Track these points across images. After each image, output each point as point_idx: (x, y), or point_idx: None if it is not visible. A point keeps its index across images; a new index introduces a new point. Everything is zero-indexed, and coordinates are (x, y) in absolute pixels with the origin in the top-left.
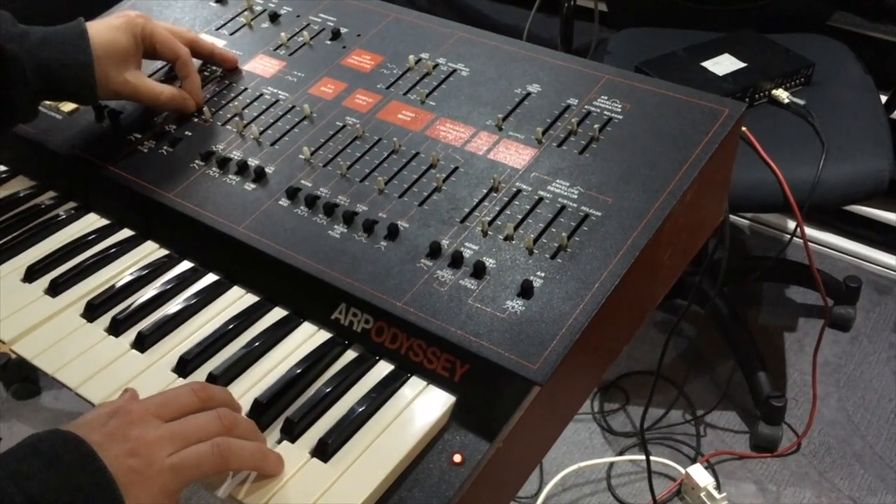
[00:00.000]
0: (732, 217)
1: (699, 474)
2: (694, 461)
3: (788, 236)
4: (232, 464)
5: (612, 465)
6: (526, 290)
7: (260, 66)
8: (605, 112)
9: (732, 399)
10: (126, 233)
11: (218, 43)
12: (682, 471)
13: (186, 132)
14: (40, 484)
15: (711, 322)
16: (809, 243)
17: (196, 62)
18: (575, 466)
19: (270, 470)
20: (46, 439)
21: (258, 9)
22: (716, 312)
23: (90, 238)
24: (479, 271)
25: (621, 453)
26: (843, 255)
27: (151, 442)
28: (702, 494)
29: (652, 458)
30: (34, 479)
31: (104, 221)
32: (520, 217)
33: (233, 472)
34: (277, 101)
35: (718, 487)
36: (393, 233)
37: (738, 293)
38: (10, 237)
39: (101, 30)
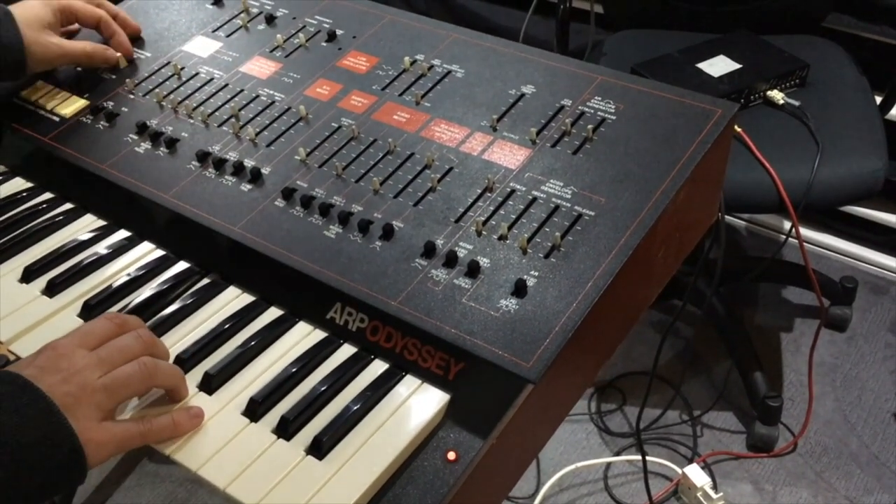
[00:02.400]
0: (728, 218)
1: (696, 474)
2: (690, 461)
3: (784, 237)
4: (157, 380)
5: (609, 465)
6: (520, 290)
7: (256, 67)
8: (599, 113)
9: (729, 399)
10: (123, 233)
11: (214, 45)
12: (679, 471)
13: (182, 133)
14: None
15: (708, 322)
16: (805, 244)
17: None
18: (572, 467)
19: (183, 391)
20: None
21: (254, 11)
22: (712, 313)
23: (87, 239)
24: (473, 271)
25: (618, 453)
26: (839, 256)
27: (81, 368)
28: (698, 494)
29: (648, 458)
30: None
31: (101, 222)
32: (514, 217)
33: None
34: (273, 102)
35: (715, 487)
36: (388, 233)
37: (735, 293)
38: (7, 238)
39: (21, 8)
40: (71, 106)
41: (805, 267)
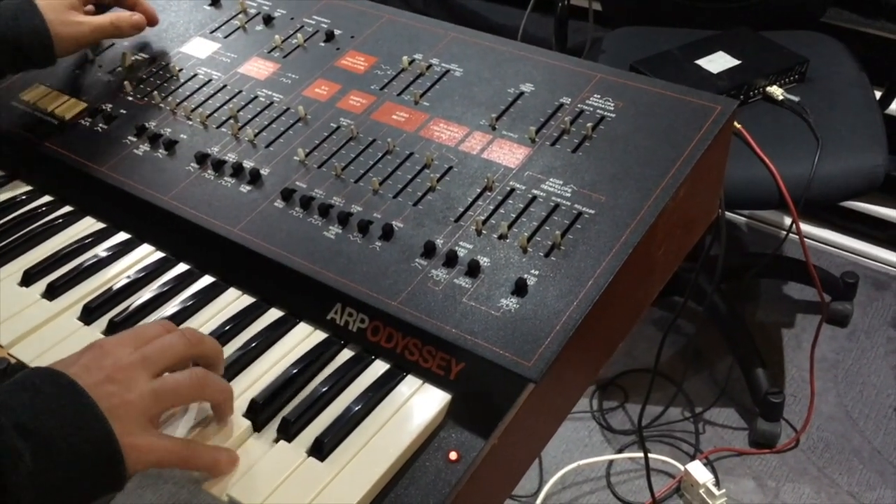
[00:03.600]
0: (729, 214)
1: (698, 471)
2: (693, 458)
3: (785, 233)
4: (206, 393)
5: (611, 462)
6: (520, 289)
7: (254, 68)
8: (598, 111)
9: (731, 396)
10: (122, 236)
11: (212, 46)
12: (682, 468)
13: (181, 135)
14: (28, 412)
15: (709, 319)
16: (806, 239)
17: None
18: (574, 465)
19: (229, 409)
20: (29, 374)
21: (252, 11)
22: (714, 310)
23: (87, 241)
24: (473, 270)
25: (620, 451)
26: (840, 251)
27: (126, 367)
28: (701, 491)
29: (651, 455)
30: (21, 409)
31: (100, 225)
32: (514, 216)
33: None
34: (272, 103)
35: (717, 484)
36: (388, 233)
37: (736, 290)
38: (6, 241)
39: None
40: (70, 108)
41: (806, 263)
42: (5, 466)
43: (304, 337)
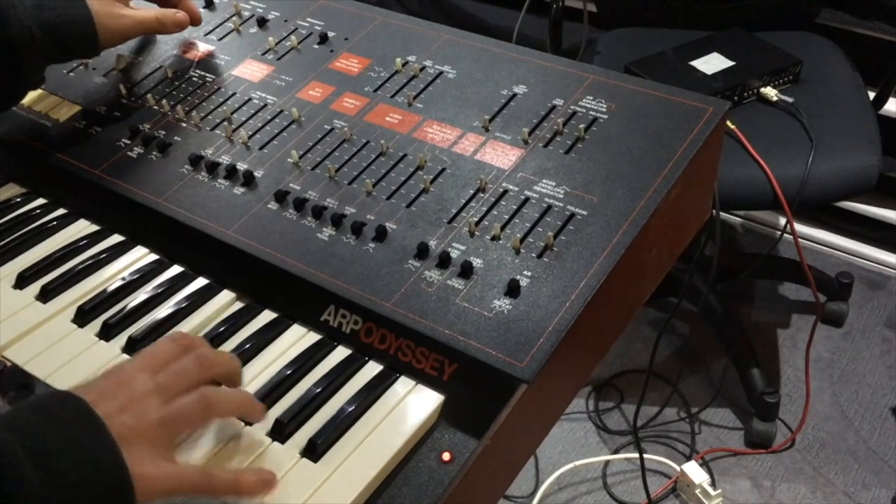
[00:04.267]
0: (724, 214)
1: (694, 471)
2: (689, 458)
3: (779, 233)
4: (218, 411)
5: (607, 463)
6: (513, 290)
7: (248, 70)
8: (591, 112)
9: (726, 396)
10: (116, 238)
11: (207, 48)
12: (677, 468)
13: (175, 137)
14: (43, 439)
15: (705, 320)
16: (801, 240)
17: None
18: (570, 465)
19: (256, 415)
20: (46, 398)
21: (246, 14)
22: (709, 310)
23: (81, 244)
24: (466, 271)
25: (616, 452)
26: (835, 252)
27: (140, 397)
28: (697, 491)
29: (647, 455)
30: (35, 434)
31: (94, 227)
32: (506, 217)
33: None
34: (266, 105)
35: (713, 484)
36: (381, 234)
37: (731, 290)
38: (0, 244)
39: None
40: (64, 111)
41: (801, 263)
42: (15, 495)
43: (297, 338)
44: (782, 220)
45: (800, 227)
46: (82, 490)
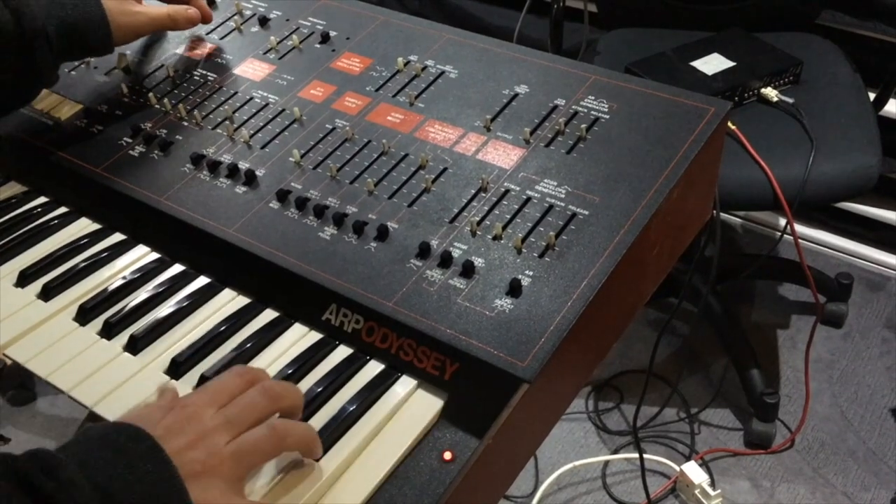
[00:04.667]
0: (724, 215)
1: (693, 472)
2: (688, 459)
3: (779, 234)
4: (288, 443)
5: (606, 463)
6: (514, 289)
7: (250, 69)
8: (592, 112)
9: (726, 396)
10: (118, 237)
11: (208, 48)
12: (677, 468)
13: (177, 136)
14: (108, 474)
15: (705, 320)
16: (801, 240)
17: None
18: (570, 465)
19: (317, 450)
20: (113, 431)
21: (248, 13)
22: (709, 310)
23: (82, 242)
24: (467, 271)
25: (616, 452)
26: (835, 252)
27: (209, 431)
28: (696, 492)
29: (646, 456)
30: (102, 469)
31: (96, 226)
32: (508, 217)
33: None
34: (267, 104)
35: (713, 484)
36: (382, 234)
37: (731, 291)
38: (2, 242)
39: None
40: (65, 109)
41: (801, 264)
42: None
43: (299, 337)
44: (782, 221)
45: (799, 228)
46: None
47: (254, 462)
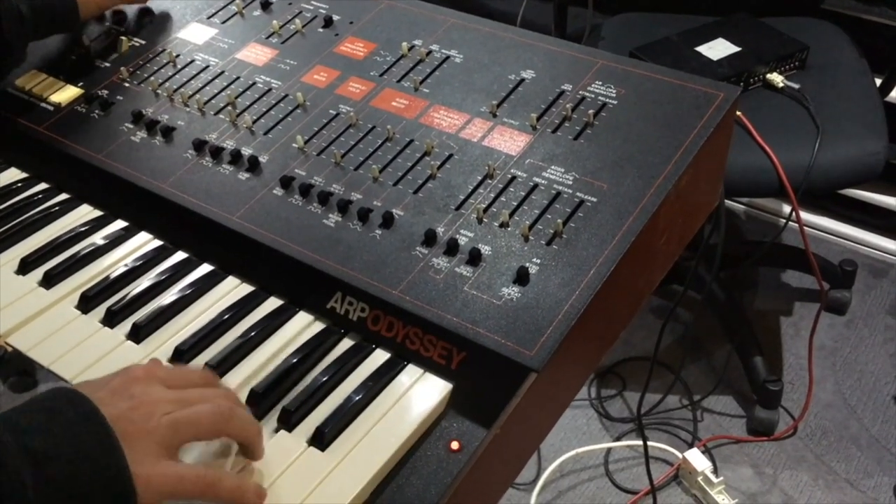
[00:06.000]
0: (728, 202)
1: (696, 459)
2: (691, 446)
3: (784, 221)
4: (230, 428)
5: (609, 450)
6: (522, 277)
7: (252, 54)
8: (600, 97)
9: (729, 384)
10: (119, 224)
11: (210, 31)
12: (680, 455)
13: (179, 122)
14: (41, 437)
15: (708, 307)
16: (805, 227)
17: None
18: (573, 452)
19: (258, 450)
20: (51, 395)
21: None
22: (712, 297)
23: (84, 229)
24: (474, 258)
25: (619, 439)
26: (839, 239)
27: (154, 401)
28: (699, 479)
29: (649, 443)
30: (35, 432)
31: (97, 213)
32: (515, 204)
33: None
34: (270, 89)
35: (715, 471)
36: (388, 221)
37: (735, 278)
38: (2, 229)
39: None
40: (65, 95)
41: (805, 251)
42: (10, 496)
43: (303, 326)
44: (785, 208)
45: (803, 215)
46: (80, 493)
47: (190, 435)
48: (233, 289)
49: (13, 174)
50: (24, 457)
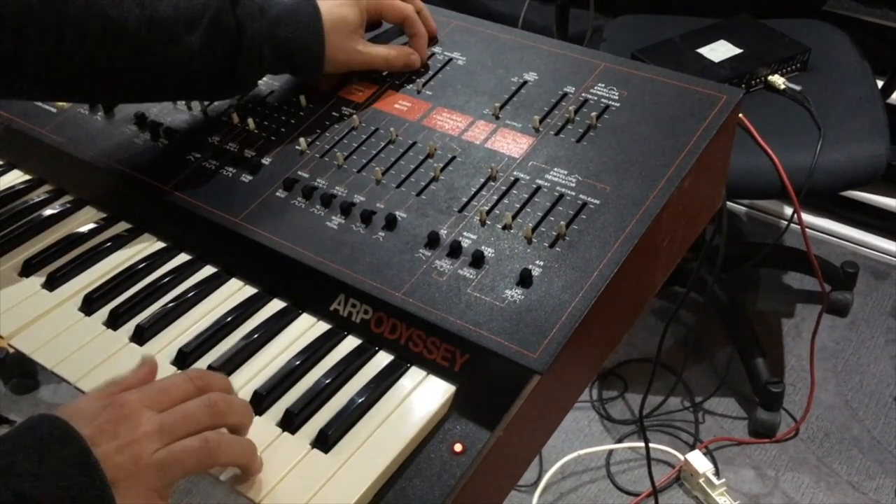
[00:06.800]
0: (730, 204)
1: (698, 461)
2: (693, 448)
3: (786, 222)
4: (220, 459)
5: (611, 452)
6: (525, 279)
7: None
8: (603, 100)
9: (731, 385)
10: (123, 226)
11: None
12: (681, 457)
13: (182, 124)
14: (30, 479)
15: (710, 309)
16: (807, 229)
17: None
18: (574, 454)
19: (255, 469)
20: (38, 428)
21: None
22: (714, 299)
23: (87, 231)
24: (477, 261)
25: (620, 441)
26: (841, 241)
27: (140, 438)
28: (701, 481)
29: (651, 445)
30: (25, 474)
31: (101, 214)
32: (518, 206)
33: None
34: (272, 92)
35: (717, 473)
36: (391, 223)
37: (736, 280)
38: (6, 231)
39: (330, 6)
40: None
41: (806, 252)
42: None
43: (306, 328)
44: (787, 210)
45: (805, 217)
46: None
47: (179, 474)
48: (236, 291)
49: (17, 176)
50: (16, 499)
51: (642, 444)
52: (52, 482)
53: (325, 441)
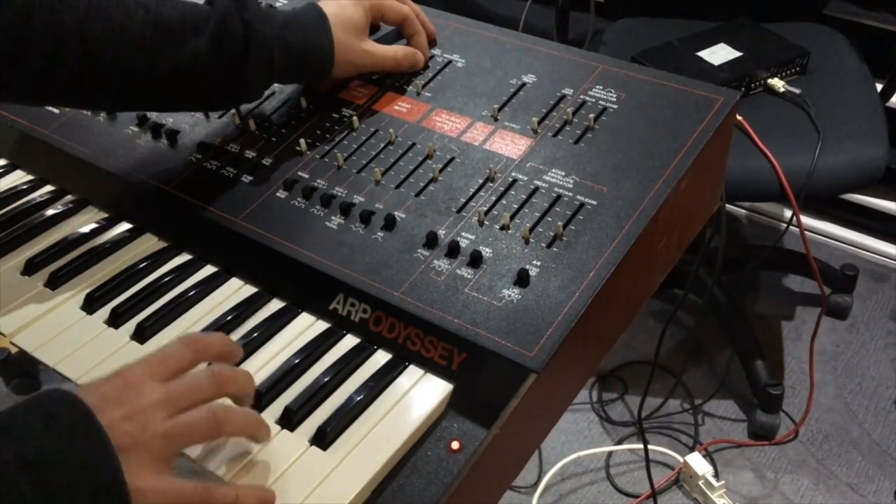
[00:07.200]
0: (729, 206)
1: (697, 462)
2: (692, 450)
3: (785, 225)
4: (225, 430)
5: (610, 454)
6: (522, 279)
7: None
8: (601, 102)
9: (730, 388)
10: (124, 225)
11: None
12: (681, 459)
13: (183, 125)
14: (35, 444)
15: (709, 311)
16: (806, 232)
17: None
18: (574, 456)
19: (263, 436)
20: (46, 398)
21: None
22: (713, 301)
23: (89, 231)
24: (475, 261)
25: (620, 442)
26: (840, 244)
27: (146, 407)
28: (700, 482)
29: (650, 446)
30: (29, 438)
31: (102, 214)
32: (516, 207)
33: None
34: (273, 93)
35: (717, 475)
36: (390, 223)
37: (736, 282)
38: (8, 231)
39: (335, 9)
40: None
41: (806, 255)
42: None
43: (306, 327)
44: (786, 212)
45: (804, 219)
46: (76, 500)
47: (186, 443)
48: (236, 290)
49: (19, 176)
50: (19, 464)
51: (642, 446)
52: (57, 447)
53: (323, 438)
